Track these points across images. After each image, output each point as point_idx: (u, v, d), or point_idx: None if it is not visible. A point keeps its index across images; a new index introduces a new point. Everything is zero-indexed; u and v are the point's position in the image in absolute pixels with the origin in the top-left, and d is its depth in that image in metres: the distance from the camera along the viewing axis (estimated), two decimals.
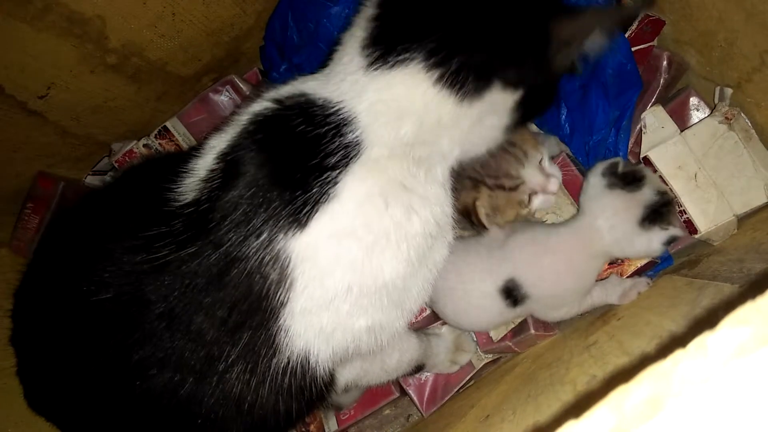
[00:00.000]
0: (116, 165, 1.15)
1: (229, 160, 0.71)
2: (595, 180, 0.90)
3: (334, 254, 0.67)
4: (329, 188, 0.67)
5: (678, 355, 0.21)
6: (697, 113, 0.97)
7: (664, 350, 0.22)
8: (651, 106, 0.96)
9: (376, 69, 0.71)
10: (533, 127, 1.05)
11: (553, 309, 0.94)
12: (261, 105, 0.74)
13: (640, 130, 0.95)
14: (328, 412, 1.11)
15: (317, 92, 0.73)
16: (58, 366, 0.79)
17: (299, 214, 0.66)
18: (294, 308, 0.68)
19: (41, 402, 0.85)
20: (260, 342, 0.68)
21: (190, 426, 0.74)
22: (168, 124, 1.15)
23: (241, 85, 1.16)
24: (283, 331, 0.68)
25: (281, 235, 0.66)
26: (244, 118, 0.74)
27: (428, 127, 0.72)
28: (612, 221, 0.87)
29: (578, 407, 0.23)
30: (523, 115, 0.78)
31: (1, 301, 0.89)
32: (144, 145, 1.15)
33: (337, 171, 0.67)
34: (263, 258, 0.66)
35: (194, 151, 0.77)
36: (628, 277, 0.95)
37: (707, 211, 0.90)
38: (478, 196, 0.90)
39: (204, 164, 0.73)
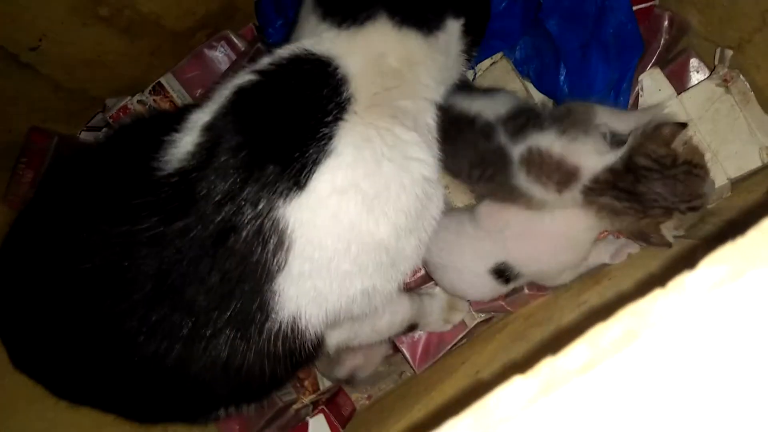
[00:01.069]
0: (110, 121, 1.14)
1: (215, 131, 0.70)
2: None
3: (334, 212, 0.67)
4: (324, 145, 0.67)
5: (656, 293, 0.22)
6: (697, 75, 0.96)
7: (643, 290, 0.22)
8: (650, 67, 0.95)
9: (347, 27, 0.76)
10: (533, 90, 1.05)
11: (551, 279, 0.95)
12: (243, 77, 0.73)
13: (638, 92, 0.94)
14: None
15: (300, 53, 0.74)
16: (43, 330, 0.79)
17: (298, 176, 0.66)
18: (291, 272, 0.68)
19: (25, 362, 0.85)
20: (253, 307, 0.69)
21: (177, 390, 0.76)
22: (162, 80, 1.14)
23: (236, 41, 1.15)
24: (276, 295, 0.69)
25: (280, 201, 0.66)
26: (227, 90, 0.73)
27: (405, 68, 0.76)
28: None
29: (557, 344, 0.23)
30: (474, 36, 0.87)
31: None
32: (138, 101, 1.14)
33: (330, 127, 0.67)
34: (260, 225, 0.66)
35: (180, 116, 0.76)
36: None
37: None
38: (664, 221, 0.81)
39: (190, 134, 0.72)
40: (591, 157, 0.82)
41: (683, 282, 0.21)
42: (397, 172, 0.70)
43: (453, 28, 0.83)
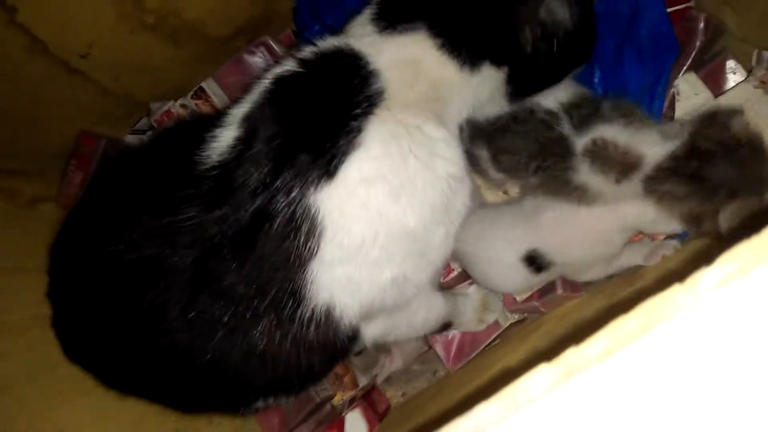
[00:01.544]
0: (155, 124, 1.18)
1: (252, 122, 0.73)
2: None
3: (363, 201, 0.70)
4: (354, 137, 0.69)
5: (674, 288, 0.23)
6: (734, 77, 0.95)
7: (663, 285, 0.24)
8: (686, 69, 0.95)
9: (389, 33, 0.78)
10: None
11: (581, 272, 0.95)
12: (281, 67, 0.76)
13: (674, 95, 0.94)
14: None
15: (342, 47, 0.77)
16: (90, 321, 0.84)
17: (328, 166, 0.69)
18: (323, 259, 0.70)
19: (77, 353, 0.90)
20: (287, 295, 0.71)
21: (218, 379, 0.79)
22: (204, 84, 1.18)
23: (275, 47, 1.18)
24: (309, 283, 0.71)
25: (311, 188, 0.69)
26: (265, 81, 0.76)
27: (440, 86, 0.78)
28: (640, 207, 0.85)
29: (582, 335, 0.25)
30: (517, 88, 0.85)
31: None
32: (181, 105, 1.18)
33: (360, 120, 0.70)
34: (293, 212, 0.69)
35: (221, 116, 0.80)
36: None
37: None
38: (725, 206, 0.79)
39: (229, 128, 0.76)
40: (655, 146, 0.82)
41: (700, 278, 0.22)
42: (423, 168, 0.72)
43: (490, 74, 0.82)
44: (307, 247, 0.70)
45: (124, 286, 0.78)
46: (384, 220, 0.71)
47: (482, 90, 0.83)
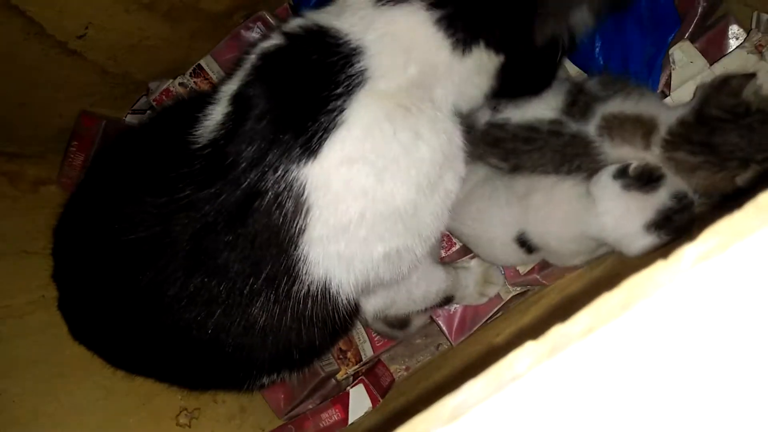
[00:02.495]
0: (154, 103, 1.18)
1: (240, 99, 0.73)
2: (608, 181, 0.84)
3: (346, 180, 0.70)
4: (337, 115, 0.69)
5: (658, 264, 0.23)
6: (736, 42, 0.94)
7: (647, 261, 0.24)
8: (688, 35, 0.94)
9: (383, 4, 0.74)
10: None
11: (562, 258, 0.96)
12: (268, 42, 0.75)
13: (670, 66, 0.93)
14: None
15: (328, 22, 0.75)
16: (96, 298, 0.85)
17: (310, 143, 0.68)
18: (311, 236, 0.71)
19: (83, 333, 0.91)
20: (281, 271, 0.72)
21: (219, 354, 0.80)
22: (202, 62, 1.17)
23: (272, 21, 1.17)
24: (302, 260, 0.72)
25: (294, 165, 0.69)
26: (253, 56, 0.76)
27: (428, 70, 0.75)
28: (618, 221, 0.83)
29: (568, 312, 0.25)
30: (503, 85, 0.81)
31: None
32: (180, 84, 1.18)
33: (344, 99, 0.69)
34: (280, 189, 0.69)
35: (213, 94, 0.80)
36: None
37: None
38: (740, 174, 0.79)
39: (220, 106, 0.76)
40: (662, 108, 0.83)
41: (682, 254, 0.22)
42: (406, 151, 0.71)
43: (482, 60, 0.77)
44: (296, 225, 0.70)
45: (125, 266, 0.79)
46: (369, 200, 0.71)
47: (469, 77, 0.78)
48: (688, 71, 0.92)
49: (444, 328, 1.09)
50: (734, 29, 0.95)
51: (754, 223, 0.21)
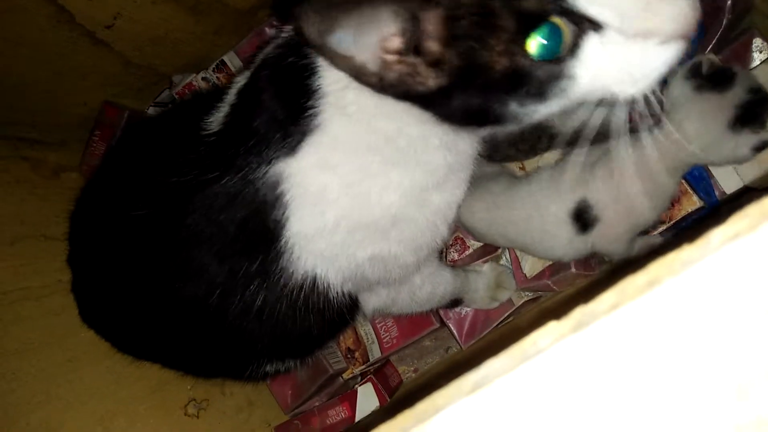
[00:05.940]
0: (176, 97, 1.20)
1: (243, 94, 0.75)
2: (679, 84, 0.83)
3: (320, 186, 0.70)
4: (313, 120, 0.68)
5: (684, 247, 0.23)
6: (760, 55, 0.94)
7: (673, 246, 0.24)
8: (711, 48, 0.94)
9: None
10: None
11: (619, 239, 0.90)
12: (272, 45, 0.76)
13: None
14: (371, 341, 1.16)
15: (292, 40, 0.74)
16: (104, 281, 0.87)
17: (292, 143, 0.69)
18: (292, 231, 0.72)
19: (91, 316, 0.94)
20: (270, 260, 0.74)
21: (220, 334, 0.82)
22: (225, 57, 1.18)
23: None
24: (286, 253, 0.73)
25: (280, 162, 0.70)
26: (260, 56, 0.77)
27: None
28: (699, 126, 0.81)
29: (590, 296, 0.25)
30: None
31: None
32: (203, 78, 1.19)
33: (320, 104, 0.67)
34: (265, 184, 0.71)
35: (227, 87, 0.82)
36: (676, 221, 0.94)
37: (760, 158, 0.88)
38: None
39: (229, 98, 0.78)
40: None
41: (710, 236, 0.23)
42: (385, 161, 0.69)
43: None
44: (277, 218, 0.71)
45: (129, 244, 0.82)
46: (343, 209, 0.71)
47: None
48: None
49: (454, 332, 1.09)
50: (758, 42, 0.94)
51: None
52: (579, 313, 0.24)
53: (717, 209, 0.85)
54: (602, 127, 0.86)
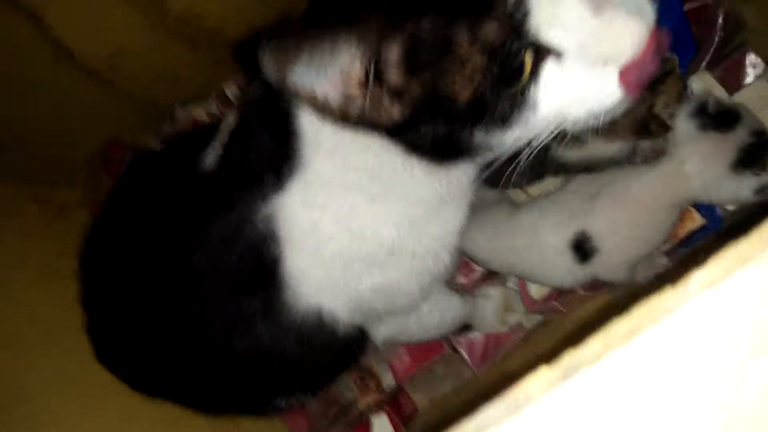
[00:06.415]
0: (179, 129, 1.21)
1: (234, 134, 0.76)
2: (684, 122, 0.85)
3: (312, 222, 0.70)
4: (298, 158, 0.68)
5: (666, 291, 0.24)
6: (754, 71, 0.95)
7: (656, 287, 0.25)
8: (705, 64, 0.94)
9: None
10: None
11: (619, 267, 0.91)
12: (257, 83, 0.77)
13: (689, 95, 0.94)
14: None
15: None
16: (117, 320, 0.88)
17: (282, 181, 0.69)
18: (289, 267, 0.72)
19: (106, 354, 0.93)
20: (271, 296, 0.74)
21: (230, 371, 0.83)
22: (225, 89, 1.20)
23: None
24: (287, 288, 0.74)
25: (273, 200, 0.70)
26: (248, 94, 0.79)
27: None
28: (701, 165, 0.82)
29: (581, 337, 0.25)
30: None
31: None
32: (204, 110, 1.21)
33: (302, 143, 0.68)
34: (262, 219, 0.71)
35: (223, 121, 0.82)
36: (680, 240, 0.94)
37: None
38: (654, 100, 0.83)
39: (221, 137, 0.79)
40: None
41: (689, 280, 0.23)
42: (372, 197, 0.70)
43: None
44: (274, 256, 0.72)
45: (141, 286, 0.82)
46: (338, 244, 0.71)
47: None
48: None
49: (466, 357, 1.09)
50: (752, 58, 0.95)
51: (758, 251, 0.21)
52: (568, 358, 0.25)
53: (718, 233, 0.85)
54: (605, 158, 0.87)
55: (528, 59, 0.52)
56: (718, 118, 0.82)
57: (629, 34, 0.51)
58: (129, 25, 0.97)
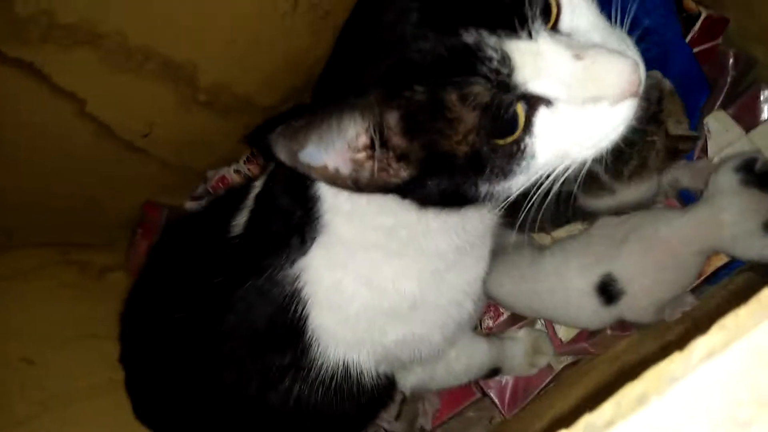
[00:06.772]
0: (211, 190, 1.26)
1: (259, 199, 0.81)
2: (728, 174, 0.87)
3: (334, 282, 0.74)
4: (319, 222, 0.72)
5: (674, 356, 0.26)
6: None
7: (665, 351, 0.27)
8: (719, 104, 0.96)
9: None
10: None
11: (645, 309, 0.92)
12: None
13: (705, 135, 0.95)
14: None
15: None
16: (155, 378, 0.92)
17: (306, 244, 0.73)
18: (315, 325, 0.76)
19: (145, 411, 0.96)
20: (299, 354, 0.77)
21: (262, 425, 0.86)
22: (254, 150, 1.25)
23: None
24: (313, 345, 0.77)
25: (298, 262, 0.74)
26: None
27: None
28: (737, 217, 0.84)
29: (598, 401, 0.27)
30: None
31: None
32: (235, 171, 1.26)
33: (322, 208, 0.71)
34: (288, 281, 0.75)
35: (251, 186, 0.87)
36: (705, 278, 0.95)
37: None
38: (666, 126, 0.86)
39: (248, 203, 0.84)
40: None
41: (691, 350, 0.25)
42: (392, 254, 0.73)
43: None
44: (300, 316, 0.76)
45: (178, 345, 0.86)
46: (361, 300, 0.74)
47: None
48: (724, 139, 0.94)
49: (496, 401, 1.09)
50: (766, 94, 0.97)
51: (753, 320, 0.23)
52: (583, 423, 0.27)
53: None
54: (633, 203, 0.89)
55: (521, 111, 0.55)
56: (762, 178, 0.84)
57: (613, 72, 0.53)
58: (162, 102, 1.03)
